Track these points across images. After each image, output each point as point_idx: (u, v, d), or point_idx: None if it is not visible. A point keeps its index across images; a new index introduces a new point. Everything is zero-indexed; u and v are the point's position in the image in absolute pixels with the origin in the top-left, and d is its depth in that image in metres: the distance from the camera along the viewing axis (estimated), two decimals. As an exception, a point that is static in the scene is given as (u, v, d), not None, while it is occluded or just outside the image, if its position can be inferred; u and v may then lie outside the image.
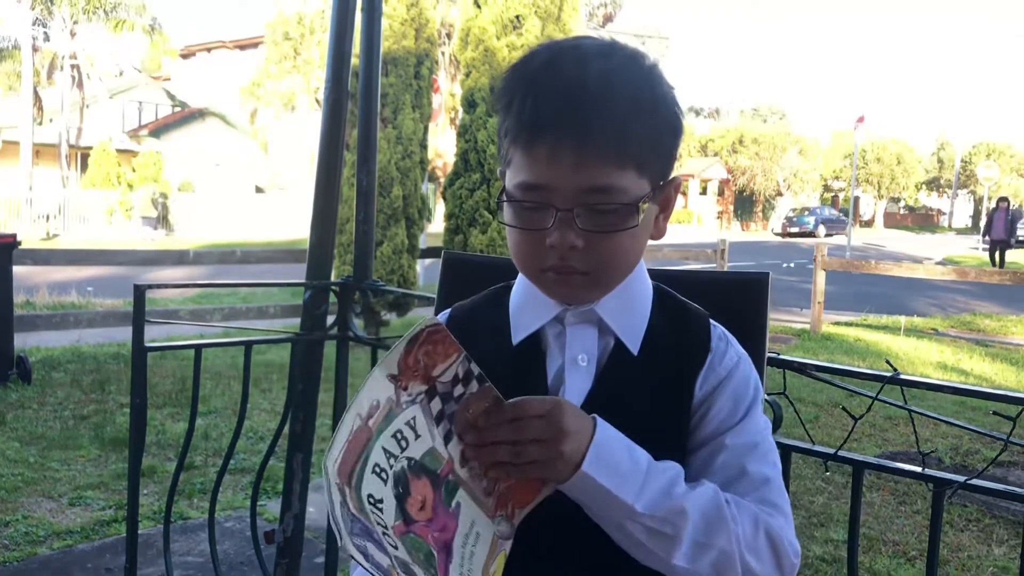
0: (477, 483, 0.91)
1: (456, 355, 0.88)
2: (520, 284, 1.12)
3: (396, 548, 0.89)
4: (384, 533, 0.89)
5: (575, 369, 1.06)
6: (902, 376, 1.33)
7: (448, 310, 1.19)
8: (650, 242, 1.09)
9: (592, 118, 0.93)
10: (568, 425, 0.89)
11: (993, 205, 21.75)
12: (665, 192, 1.04)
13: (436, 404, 0.89)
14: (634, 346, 1.06)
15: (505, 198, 1.01)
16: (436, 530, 0.90)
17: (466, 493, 0.91)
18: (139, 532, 2.48)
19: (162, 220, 27.16)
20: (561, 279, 1.01)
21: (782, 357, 1.46)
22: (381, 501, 0.89)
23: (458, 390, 0.89)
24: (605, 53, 0.98)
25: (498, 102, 1.02)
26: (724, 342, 1.09)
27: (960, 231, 51.44)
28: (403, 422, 0.89)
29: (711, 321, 1.11)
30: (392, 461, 0.89)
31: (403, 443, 0.89)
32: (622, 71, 0.97)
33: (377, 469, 0.89)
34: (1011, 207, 20.94)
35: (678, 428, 1.05)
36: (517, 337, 1.08)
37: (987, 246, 21.99)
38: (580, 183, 0.95)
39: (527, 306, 1.09)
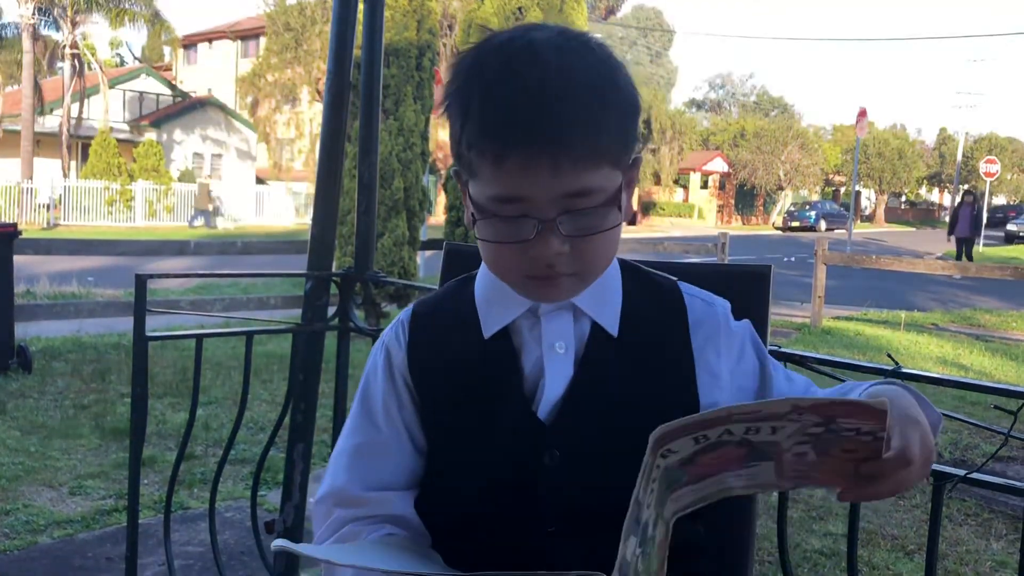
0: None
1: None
2: (485, 275, 1.08)
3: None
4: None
5: (553, 357, 1.03)
6: (904, 370, 1.33)
7: (410, 306, 1.14)
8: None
9: (562, 123, 0.89)
10: (930, 452, 0.87)
11: (966, 201, 19.26)
12: (631, 173, 1.01)
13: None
14: (612, 327, 1.05)
15: (478, 214, 0.96)
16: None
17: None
18: (139, 522, 2.49)
19: (216, 211, 28.21)
20: (547, 283, 0.98)
21: (783, 350, 1.47)
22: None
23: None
24: (558, 46, 0.93)
25: (451, 106, 0.96)
26: (697, 300, 1.09)
27: (961, 226, 51.36)
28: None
29: (679, 283, 1.11)
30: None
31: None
32: (580, 64, 0.93)
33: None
34: (976, 203, 19.05)
35: (669, 407, 1.01)
36: (488, 331, 1.05)
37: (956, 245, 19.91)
38: (558, 190, 0.91)
39: (496, 299, 1.05)
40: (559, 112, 0.89)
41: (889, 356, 1.36)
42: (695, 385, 1.05)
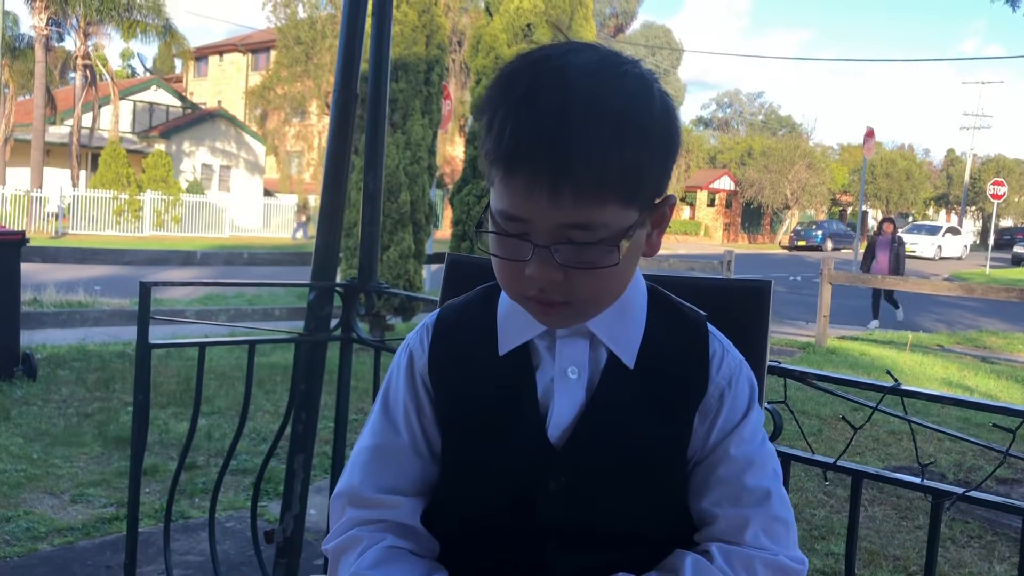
0: None
1: None
2: None
3: None
4: None
5: (564, 382, 1.03)
6: (903, 387, 1.33)
7: (436, 311, 1.14)
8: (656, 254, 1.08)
9: (570, 153, 0.87)
10: None
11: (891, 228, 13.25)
12: (658, 212, 0.99)
13: None
14: (629, 359, 1.03)
15: (489, 221, 0.96)
16: None
17: None
18: (139, 530, 2.49)
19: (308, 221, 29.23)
20: (543, 309, 0.97)
21: (783, 366, 1.46)
22: None
23: None
24: (592, 73, 0.91)
25: (479, 117, 0.96)
26: (721, 349, 1.07)
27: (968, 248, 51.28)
28: None
29: (708, 326, 1.09)
30: None
31: None
32: (609, 96, 0.90)
33: None
34: (897, 232, 13.37)
35: (678, 442, 1.04)
36: (504, 348, 1.05)
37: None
38: (558, 219, 0.90)
39: (515, 316, 1.05)
40: (570, 142, 0.87)
41: (888, 373, 1.36)
42: (689, 429, 1.04)
